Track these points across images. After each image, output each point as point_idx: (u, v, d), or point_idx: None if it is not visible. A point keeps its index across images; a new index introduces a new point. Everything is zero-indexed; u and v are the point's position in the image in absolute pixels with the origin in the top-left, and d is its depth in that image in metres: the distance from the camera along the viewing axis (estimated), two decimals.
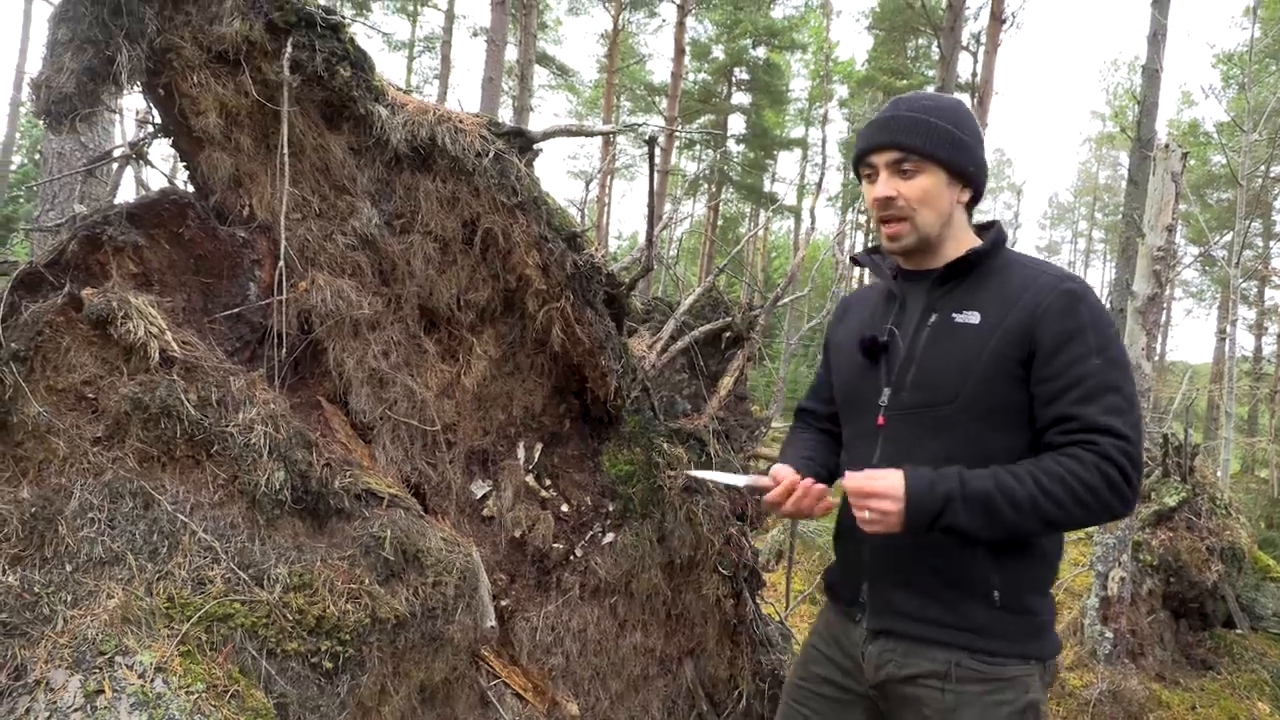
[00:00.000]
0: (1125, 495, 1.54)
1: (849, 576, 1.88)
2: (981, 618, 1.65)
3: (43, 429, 2.04)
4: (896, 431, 1.75)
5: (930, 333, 1.73)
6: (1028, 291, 1.66)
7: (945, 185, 1.74)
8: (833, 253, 23.36)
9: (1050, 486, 1.53)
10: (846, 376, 1.90)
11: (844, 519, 1.91)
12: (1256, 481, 16.08)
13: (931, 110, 1.74)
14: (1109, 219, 40.93)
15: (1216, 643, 6.13)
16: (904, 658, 1.72)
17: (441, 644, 2.31)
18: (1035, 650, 1.67)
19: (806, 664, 1.97)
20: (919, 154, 1.71)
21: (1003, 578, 1.65)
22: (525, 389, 2.86)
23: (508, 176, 2.59)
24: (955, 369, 1.66)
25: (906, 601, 1.73)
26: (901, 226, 1.75)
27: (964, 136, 1.75)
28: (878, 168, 1.76)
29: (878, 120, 1.79)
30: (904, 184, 1.73)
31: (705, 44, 30.96)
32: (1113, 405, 1.56)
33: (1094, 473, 1.52)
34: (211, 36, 2.29)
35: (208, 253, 2.43)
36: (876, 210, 1.77)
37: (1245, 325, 26.38)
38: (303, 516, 2.22)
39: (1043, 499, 1.53)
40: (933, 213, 1.74)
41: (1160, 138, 5.99)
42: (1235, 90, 18.73)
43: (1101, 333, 1.61)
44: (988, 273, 1.74)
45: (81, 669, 1.71)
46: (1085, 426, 1.56)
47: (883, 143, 1.74)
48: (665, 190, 22.88)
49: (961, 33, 13.95)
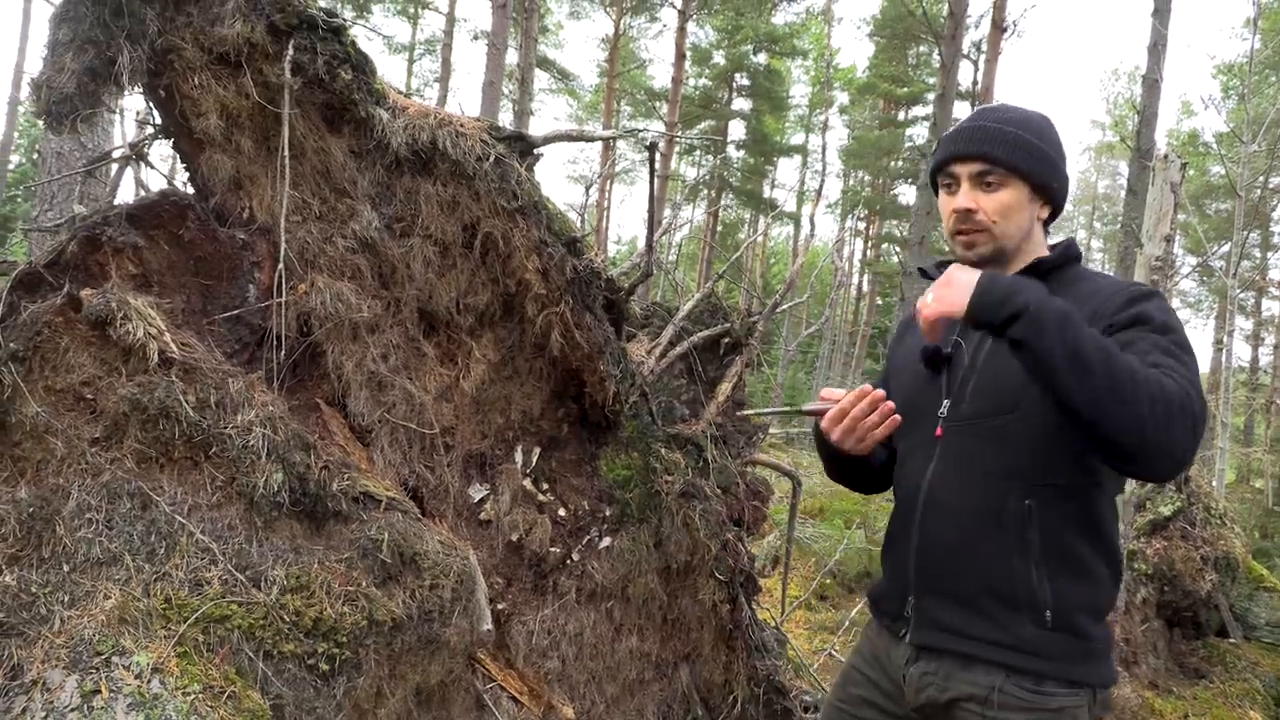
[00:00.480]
0: (1189, 432, 1.37)
1: (895, 589, 1.81)
2: (1029, 636, 1.57)
3: (41, 429, 2.04)
4: (954, 443, 1.70)
5: (993, 344, 1.68)
6: (1095, 297, 1.61)
7: (1027, 200, 1.70)
8: (831, 259, 23.40)
9: (1132, 364, 1.39)
10: (906, 386, 1.85)
11: (893, 529, 1.85)
12: (1252, 491, 16.09)
13: (1018, 123, 1.70)
14: (1108, 228, 40.99)
15: (1210, 652, 6.14)
16: (945, 680, 1.65)
17: (438, 647, 2.31)
18: (1085, 675, 1.58)
19: (846, 685, 1.91)
20: (1004, 167, 1.67)
21: (1055, 597, 1.57)
22: (524, 393, 2.87)
23: (508, 181, 2.59)
24: (1016, 379, 1.59)
25: (952, 616, 1.66)
26: (979, 235, 1.70)
27: (1049, 152, 1.71)
28: (959, 178, 1.71)
29: (962, 130, 1.73)
30: (985, 197, 1.69)
31: (706, 49, 31.02)
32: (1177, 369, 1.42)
33: (1175, 387, 1.37)
34: (213, 38, 2.30)
35: (207, 254, 2.43)
36: (955, 222, 1.71)
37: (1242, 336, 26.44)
38: (300, 519, 2.22)
39: (1118, 363, 1.37)
40: (1013, 226, 1.70)
41: (1159, 148, 6.01)
42: (1235, 101, 18.80)
43: (1169, 319, 1.53)
44: (1057, 286, 1.67)
45: (78, 669, 1.71)
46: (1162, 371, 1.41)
47: (968, 153, 1.69)
48: (665, 195, 22.91)
49: (963, 41, 13.98)
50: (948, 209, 1.73)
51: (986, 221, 1.69)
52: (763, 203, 33.14)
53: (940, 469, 1.72)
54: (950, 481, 1.70)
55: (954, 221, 1.71)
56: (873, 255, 35.77)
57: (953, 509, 1.69)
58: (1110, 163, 42.76)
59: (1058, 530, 1.59)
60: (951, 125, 1.91)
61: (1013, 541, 1.60)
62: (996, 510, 1.62)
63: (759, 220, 33.02)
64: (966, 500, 1.67)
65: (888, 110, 33.61)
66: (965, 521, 1.66)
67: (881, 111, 34.02)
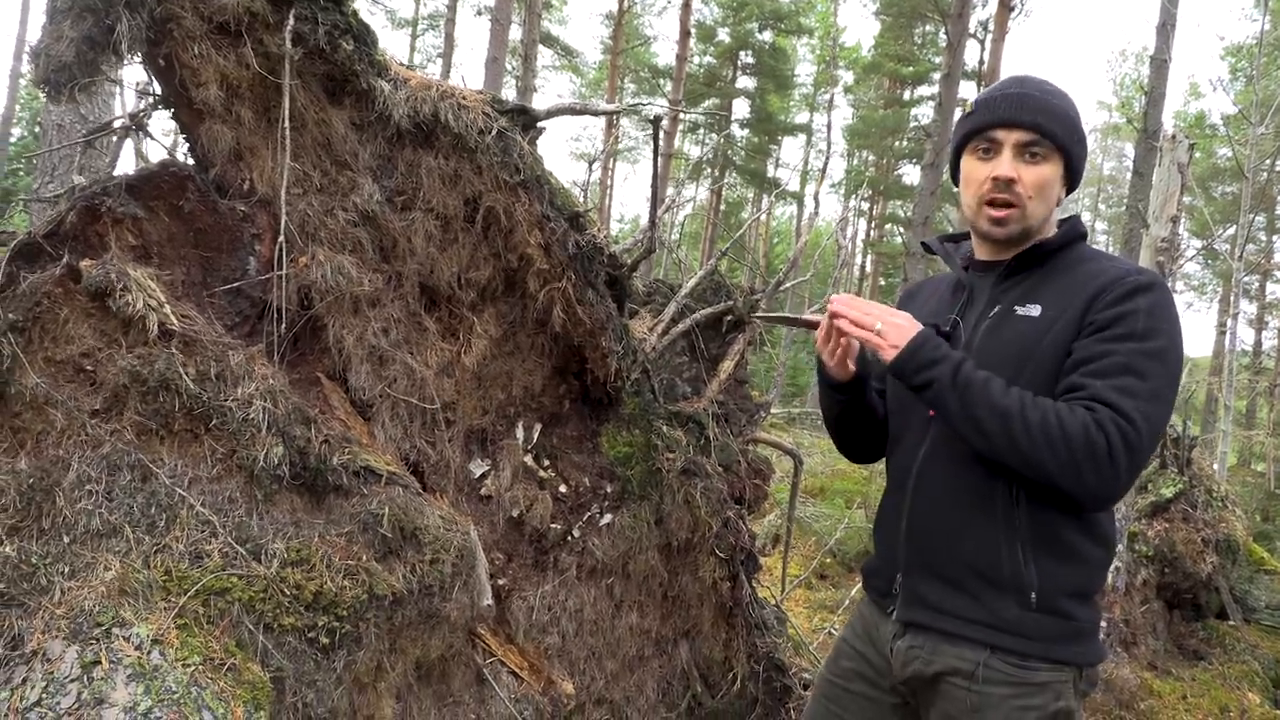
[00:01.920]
0: (1102, 470, 1.44)
1: (884, 566, 1.83)
2: (1012, 616, 1.59)
3: (40, 400, 2.03)
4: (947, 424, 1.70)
5: (990, 324, 1.68)
6: (1094, 284, 1.59)
7: (1060, 178, 1.67)
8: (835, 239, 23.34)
9: (1031, 414, 1.47)
10: None
11: (885, 506, 1.86)
12: (1253, 475, 16.12)
13: (1061, 96, 1.66)
14: (1113, 210, 40.85)
15: (1209, 633, 6.17)
16: (930, 654, 1.67)
17: (438, 621, 2.31)
18: (1069, 655, 1.59)
19: (838, 659, 1.93)
20: (1051, 140, 1.63)
21: (1041, 578, 1.58)
22: (525, 369, 2.86)
23: (510, 154, 2.57)
24: (1012, 361, 1.60)
25: (937, 594, 1.67)
26: (1012, 212, 1.65)
27: (1084, 132, 1.69)
28: (1002, 144, 1.64)
29: (1007, 95, 1.66)
30: (1027, 168, 1.64)
31: (711, 26, 30.79)
32: (1128, 386, 1.47)
33: (1079, 429, 1.44)
34: (213, 7, 2.27)
35: (207, 226, 2.41)
36: (989, 190, 1.66)
37: (1246, 319, 26.38)
38: (301, 492, 2.22)
39: (1018, 418, 1.47)
40: (1044, 205, 1.66)
41: (1167, 129, 5.96)
42: (1243, 83, 18.64)
43: (1152, 322, 1.52)
44: (1059, 267, 1.67)
45: (78, 640, 1.71)
46: (1090, 396, 1.49)
47: (1018, 120, 1.63)
48: (669, 174, 22.81)
49: (969, 20, 13.86)
50: (982, 174, 1.67)
51: (1024, 195, 1.64)
52: (766, 182, 32.99)
53: (932, 449, 1.72)
54: (941, 462, 1.71)
55: (990, 189, 1.66)
56: (876, 236, 35.65)
57: (942, 489, 1.70)
58: (1116, 144, 42.55)
59: (1045, 513, 1.59)
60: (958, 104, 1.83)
61: (1000, 523, 1.61)
62: (985, 492, 1.63)
63: (762, 199, 32.88)
64: (956, 481, 1.68)
65: (893, 90, 33.40)
66: (954, 502, 1.67)
67: (886, 91, 33.80)
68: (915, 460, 1.75)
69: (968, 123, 1.71)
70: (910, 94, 32.75)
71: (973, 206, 1.71)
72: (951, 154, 1.81)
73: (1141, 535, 5.96)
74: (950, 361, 1.55)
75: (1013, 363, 1.60)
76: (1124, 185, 34.80)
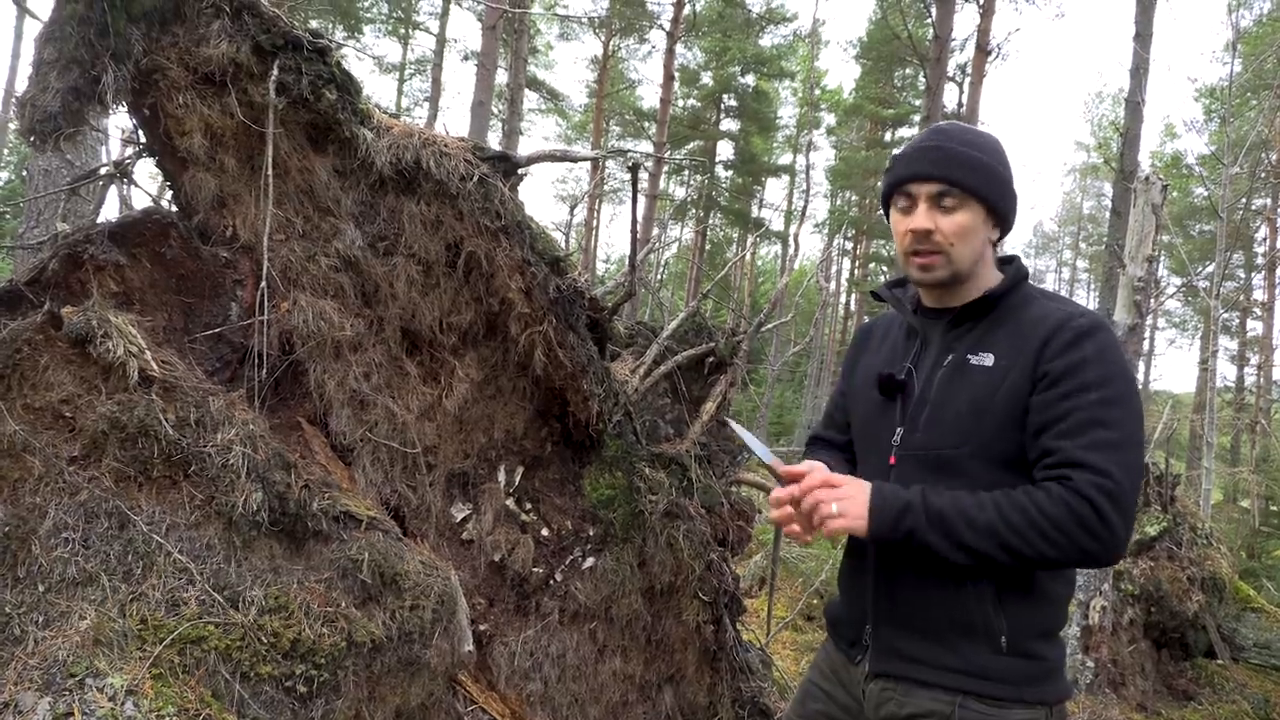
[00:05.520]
0: (1099, 534, 1.47)
1: (852, 615, 1.83)
2: (985, 662, 1.60)
3: (19, 447, 2.02)
4: (907, 472, 1.70)
5: (945, 373, 1.70)
6: (1040, 330, 1.62)
7: (982, 222, 1.70)
8: (817, 279, 23.50)
9: (1012, 516, 1.50)
10: (863, 412, 1.87)
11: (852, 552, 1.86)
12: (1238, 511, 16.14)
13: (976, 144, 1.70)
14: (1093, 248, 41.34)
15: (1198, 673, 6.14)
16: (905, 696, 1.67)
17: (418, 668, 2.29)
18: (1041, 695, 1.61)
19: (805, 701, 1.92)
20: (963, 189, 1.66)
21: (1009, 622, 1.60)
22: (507, 412, 2.86)
23: (491, 200, 2.60)
24: (968, 412, 1.63)
25: (910, 645, 1.68)
26: (935, 259, 1.69)
27: (1005, 174, 1.72)
28: (917, 198, 1.69)
29: (920, 149, 1.72)
30: (943, 218, 1.67)
31: (694, 70, 31.24)
32: (1098, 440, 1.50)
33: (1061, 508, 1.48)
34: (198, 58, 2.31)
35: (190, 272, 2.43)
36: (910, 242, 1.70)
37: (1227, 355, 26.60)
38: (280, 538, 2.20)
39: (1003, 528, 1.50)
40: (969, 249, 1.69)
41: (1143, 169, 6.07)
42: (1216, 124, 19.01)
43: (1104, 369, 1.56)
44: (1005, 311, 1.70)
45: (51, 691, 1.69)
46: (1062, 460, 1.51)
47: (927, 174, 1.68)
48: (654, 214, 22.98)
49: (947, 64, 14.14)
50: (902, 228, 1.72)
51: (944, 243, 1.68)
52: (751, 222, 33.28)
53: None
54: None
55: (910, 242, 1.70)
56: (860, 274, 35.95)
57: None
58: (1095, 184, 43.17)
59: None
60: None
61: (966, 572, 1.61)
62: None
63: (747, 239, 33.14)
64: None
65: (874, 131, 33.89)
66: (920, 554, 1.64)
67: (868, 133, 34.30)
68: None
69: (887, 178, 1.78)
70: (891, 135, 33.23)
71: (903, 259, 1.77)
72: (881, 207, 1.86)
73: (1127, 574, 5.96)
74: (915, 504, 1.57)
75: (969, 415, 1.63)
76: (1103, 224, 35.27)
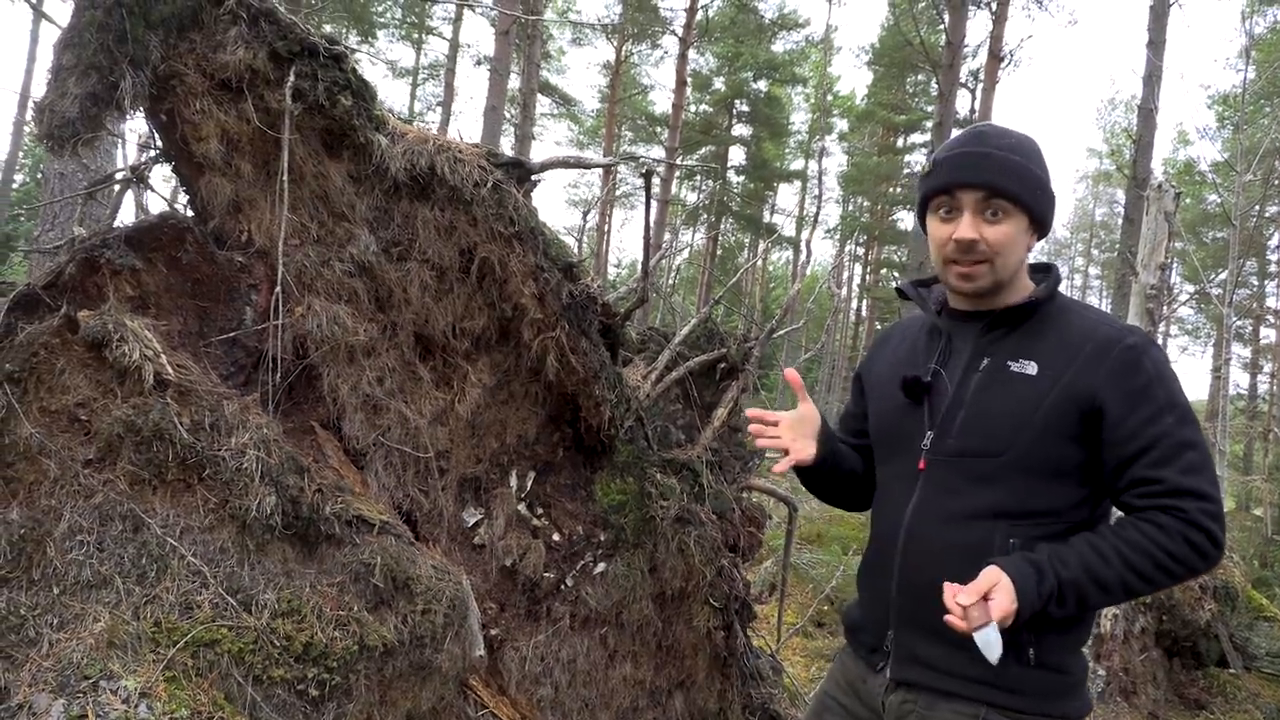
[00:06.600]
0: (1211, 556, 1.51)
1: (873, 621, 1.79)
2: (1012, 674, 1.57)
3: (34, 450, 2.04)
4: (938, 476, 1.68)
5: (982, 378, 1.66)
6: (1089, 344, 1.60)
7: (1025, 231, 1.66)
8: (828, 285, 23.49)
9: (1136, 560, 1.50)
10: (885, 413, 1.82)
11: (872, 558, 1.82)
12: (1251, 519, 16.03)
13: (1020, 150, 1.66)
14: (1105, 255, 41.16)
15: (1210, 682, 6.10)
16: (927, 709, 1.64)
17: (429, 673, 2.30)
18: (1064, 709, 1.60)
19: (820, 714, 1.89)
20: (1008, 198, 1.62)
21: (1038, 635, 1.58)
22: (519, 417, 2.87)
23: (505, 206, 2.61)
24: (1009, 420, 1.59)
25: (935, 652, 1.64)
26: (978, 269, 1.65)
27: (1045, 179, 1.69)
28: (961, 206, 1.64)
29: (965, 155, 1.66)
30: (988, 228, 1.63)
31: (707, 76, 31.27)
32: (1191, 464, 1.52)
33: (1179, 541, 1.49)
34: (215, 64, 2.32)
35: (205, 277, 2.44)
36: (953, 251, 1.65)
37: (1240, 363, 26.43)
38: (293, 542, 2.21)
39: (1130, 575, 1.50)
40: (1013, 259, 1.66)
41: (1155, 176, 6.05)
42: (1230, 131, 18.93)
43: (1168, 387, 1.56)
44: (1043, 319, 1.67)
45: (65, 693, 1.70)
46: (1167, 490, 1.51)
47: (974, 181, 1.63)
48: (665, 220, 23.01)
49: (960, 70, 14.12)
50: (944, 236, 1.67)
51: (990, 253, 1.64)
52: (762, 227, 33.27)
53: (922, 502, 1.69)
54: (933, 516, 1.68)
55: (952, 250, 1.66)
56: (872, 280, 35.90)
57: (935, 545, 1.66)
58: (1108, 191, 42.98)
59: None
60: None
61: None
62: (981, 549, 1.60)
63: (759, 244, 33.13)
64: (950, 536, 1.65)
65: (886, 137, 33.86)
66: (948, 558, 1.63)
67: (880, 139, 34.28)
68: (904, 516, 1.71)
69: (927, 182, 1.72)
70: (904, 141, 33.21)
71: (941, 265, 1.72)
72: (916, 210, 1.83)
73: None
74: (1049, 575, 1.53)
75: (1008, 423, 1.60)
76: (1116, 231, 35.09)
